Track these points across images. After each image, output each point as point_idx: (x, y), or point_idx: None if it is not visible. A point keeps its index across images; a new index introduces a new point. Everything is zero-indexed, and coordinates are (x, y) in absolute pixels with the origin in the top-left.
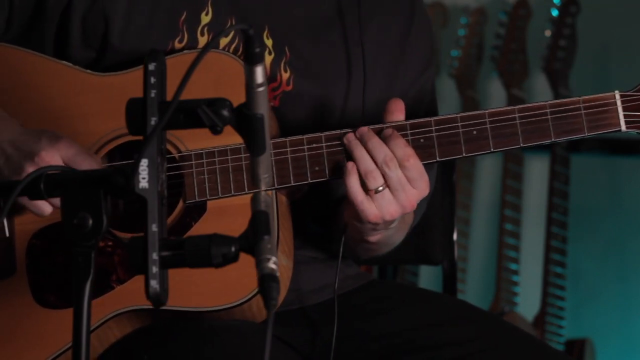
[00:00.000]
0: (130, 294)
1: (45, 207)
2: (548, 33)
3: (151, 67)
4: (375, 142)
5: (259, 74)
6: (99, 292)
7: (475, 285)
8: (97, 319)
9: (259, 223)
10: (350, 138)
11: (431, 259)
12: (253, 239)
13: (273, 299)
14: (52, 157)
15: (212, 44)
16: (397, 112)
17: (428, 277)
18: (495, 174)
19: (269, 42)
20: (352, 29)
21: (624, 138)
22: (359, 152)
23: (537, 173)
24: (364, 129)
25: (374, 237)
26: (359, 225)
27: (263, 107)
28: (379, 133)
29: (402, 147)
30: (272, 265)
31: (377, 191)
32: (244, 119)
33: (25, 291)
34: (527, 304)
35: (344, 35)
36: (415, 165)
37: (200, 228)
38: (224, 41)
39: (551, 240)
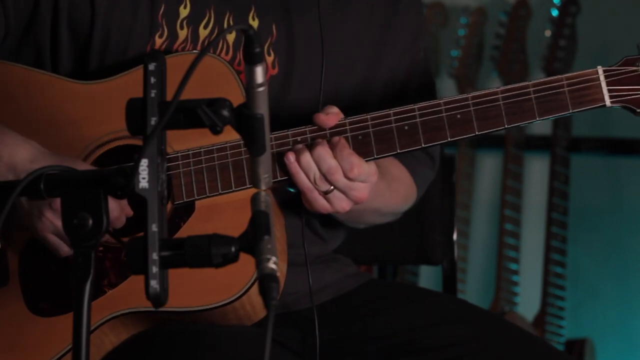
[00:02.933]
0: (122, 298)
1: (63, 247)
2: (548, 33)
3: (151, 67)
4: (322, 152)
5: (259, 74)
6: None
7: (475, 285)
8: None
9: (259, 223)
10: (298, 147)
11: (431, 259)
12: (253, 239)
13: (274, 299)
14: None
15: (212, 45)
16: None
17: (428, 277)
18: (495, 174)
19: (254, 23)
20: (331, 8)
21: (624, 138)
22: (305, 159)
23: (537, 173)
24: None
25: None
26: None
27: (263, 107)
28: (328, 140)
29: (347, 157)
30: (272, 265)
31: (327, 192)
32: (243, 119)
33: (19, 300)
34: (527, 304)
35: (323, 14)
36: (361, 173)
37: (190, 228)
38: (230, 37)
39: (551, 240)
